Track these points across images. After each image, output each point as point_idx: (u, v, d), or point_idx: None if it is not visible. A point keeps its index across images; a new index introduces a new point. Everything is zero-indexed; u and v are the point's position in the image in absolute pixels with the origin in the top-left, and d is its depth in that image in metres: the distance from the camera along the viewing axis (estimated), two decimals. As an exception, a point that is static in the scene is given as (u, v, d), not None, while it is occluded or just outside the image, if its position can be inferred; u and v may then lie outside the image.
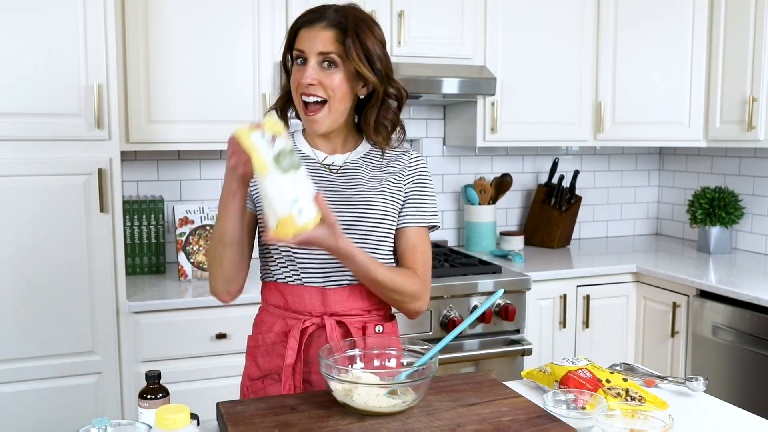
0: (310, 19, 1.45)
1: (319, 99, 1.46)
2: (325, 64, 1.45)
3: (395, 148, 1.59)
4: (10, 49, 2.17)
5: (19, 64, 2.18)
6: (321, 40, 1.43)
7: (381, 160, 1.57)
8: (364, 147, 1.58)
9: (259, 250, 1.57)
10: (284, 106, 1.57)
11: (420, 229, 1.57)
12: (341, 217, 1.46)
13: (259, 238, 1.57)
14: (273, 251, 1.51)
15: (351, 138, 1.58)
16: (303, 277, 1.49)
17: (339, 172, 1.55)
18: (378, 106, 1.52)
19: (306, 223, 1.26)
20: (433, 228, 1.60)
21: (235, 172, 1.35)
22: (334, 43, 1.43)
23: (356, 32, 1.44)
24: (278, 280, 1.53)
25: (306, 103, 1.47)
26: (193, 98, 2.63)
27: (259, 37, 2.68)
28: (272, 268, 1.54)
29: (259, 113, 2.69)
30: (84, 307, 2.31)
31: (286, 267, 1.50)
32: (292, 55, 1.50)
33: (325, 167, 1.55)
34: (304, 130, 1.59)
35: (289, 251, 1.48)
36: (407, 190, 1.56)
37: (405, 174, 1.57)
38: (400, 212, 1.55)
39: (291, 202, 1.24)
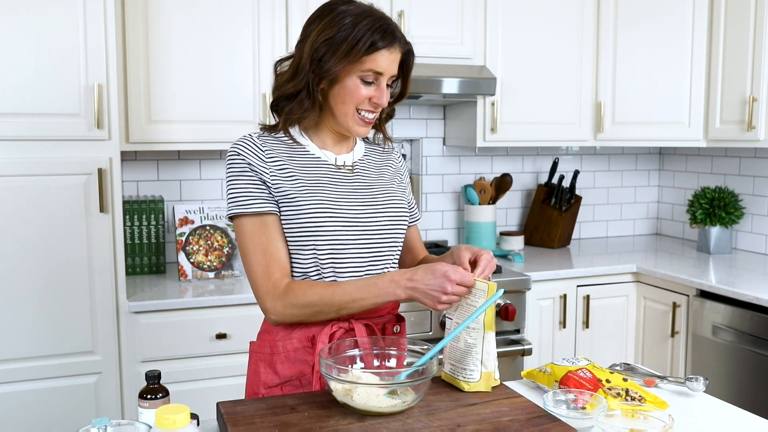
0: (390, 41, 1.44)
1: None
2: (390, 82, 1.50)
3: (378, 144, 1.66)
4: (10, 49, 2.17)
5: (19, 65, 2.18)
6: (394, 62, 1.47)
7: (378, 157, 1.64)
8: (360, 146, 1.62)
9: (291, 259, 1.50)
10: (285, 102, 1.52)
11: (416, 226, 1.71)
12: (372, 216, 1.50)
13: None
14: (312, 263, 1.48)
15: (352, 138, 1.60)
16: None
17: (353, 171, 1.55)
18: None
19: (497, 379, 1.41)
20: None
21: (434, 301, 1.35)
22: (397, 65, 1.49)
23: (411, 53, 1.51)
24: None
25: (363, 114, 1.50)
26: (193, 98, 2.63)
27: (259, 37, 2.68)
28: (302, 279, 1.49)
29: (259, 113, 2.69)
30: (84, 307, 2.31)
31: (324, 277, 1.48)
32: (339, 65, 1.44)
33: (339, 168, 1.54)
34: (304, 129, 1.54)
35: (333, 260, 1.47)
36: (403, 188, 1.64)
37: (400, 172, 1.66)
38: None
39: (494, 359, 1.38)
